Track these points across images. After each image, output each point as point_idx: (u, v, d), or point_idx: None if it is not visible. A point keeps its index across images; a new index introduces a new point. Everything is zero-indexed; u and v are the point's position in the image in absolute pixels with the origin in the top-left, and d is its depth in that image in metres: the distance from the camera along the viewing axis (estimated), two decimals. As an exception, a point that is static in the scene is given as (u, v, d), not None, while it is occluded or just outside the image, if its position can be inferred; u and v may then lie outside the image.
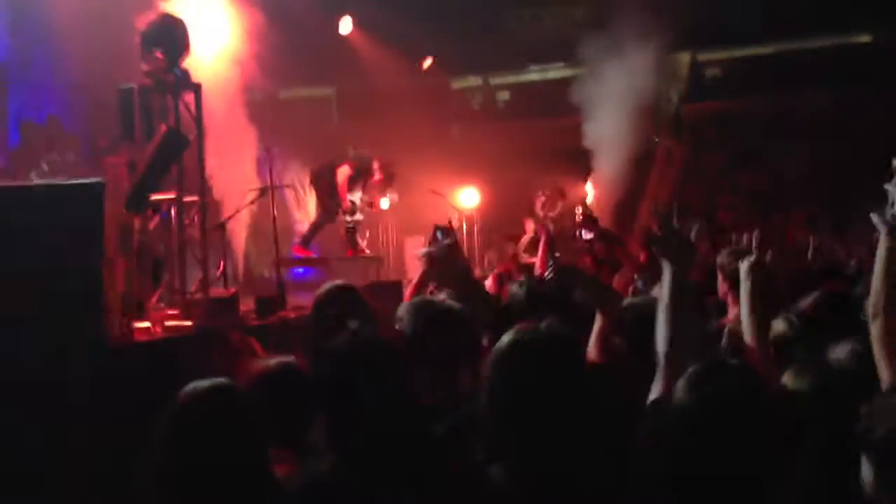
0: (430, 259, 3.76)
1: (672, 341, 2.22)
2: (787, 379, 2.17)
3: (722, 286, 3.77)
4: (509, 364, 2.07)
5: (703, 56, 16.82)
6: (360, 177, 9.66)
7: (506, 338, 2.15)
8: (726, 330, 3.44)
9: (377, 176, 9.84)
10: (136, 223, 5.14)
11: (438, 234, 3.88)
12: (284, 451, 2.49)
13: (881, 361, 1.97)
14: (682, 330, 2.21)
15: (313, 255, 9.70)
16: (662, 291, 2.27)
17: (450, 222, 4.14)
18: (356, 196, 9.69)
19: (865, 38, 16.29)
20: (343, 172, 9.44)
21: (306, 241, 9.66)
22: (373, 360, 2.24)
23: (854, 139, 14.24)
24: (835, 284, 3.89)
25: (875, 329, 1.98)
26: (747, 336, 2.80)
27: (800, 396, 2.04)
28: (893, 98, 14.58)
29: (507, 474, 1.98)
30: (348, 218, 9.66)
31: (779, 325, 2.92)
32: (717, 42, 16.04)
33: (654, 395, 2.26)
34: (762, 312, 2.66)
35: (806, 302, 3.20)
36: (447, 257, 3.66)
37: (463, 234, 11.55)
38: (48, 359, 3.94)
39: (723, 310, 3.84)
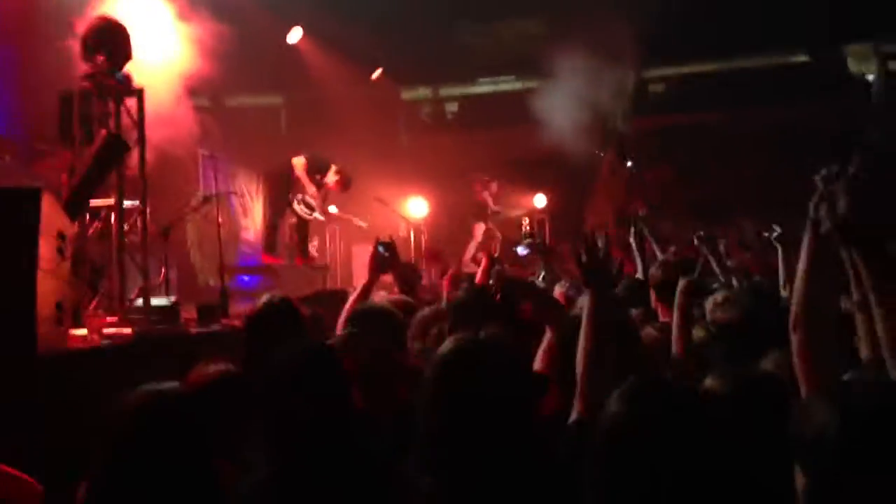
0: (377, 261, 3.88)
1: (588, 363, 2.25)
2: (708, 383, 2.20)
3: (652, 297, 3.87)
4: (449, 374, 2.06)
5: (648, 73, 17.17)
6: (316, 172, 9.53)
7: (447, 345, 2.15)
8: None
9: (334, 179, 9.73)
10: (74, 229, 5.03)
11: (380, 248, 3.96)
12: (222, 460, 2.47)
13: (800, 375, 1.97)
14: (598, 353, 2.26)
15: (282, 262, 9.54)
16: (583, 313, 2.32)
17: (390, 237, 4.21)
18: (311, 194, 9.57)
19: (803, 58, 16.82)
20: (299, 163, 9.34)
21: (270, 246, 9.46)
22: (307, 371, 2.24)
23: (794, 155, 14.65)
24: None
25: (794, 341, 1.98)
26: (675, 346, 2.89)
27: (719, 400, 2.08)
28: (831, 115, 15.09)
29: (439, 487, 1.97)
30: (303, 209, 9.48)
31: (698, 333, 3.01)
32: (662, 58, 16.38)
33: (573, 416, 2.26)
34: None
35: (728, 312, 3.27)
36: (392, 258, 3.82)
37: (411, 244, 11.57)
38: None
39: (653, 318, 3.92)
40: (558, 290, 4.52)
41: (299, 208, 9.45)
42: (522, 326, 3.11)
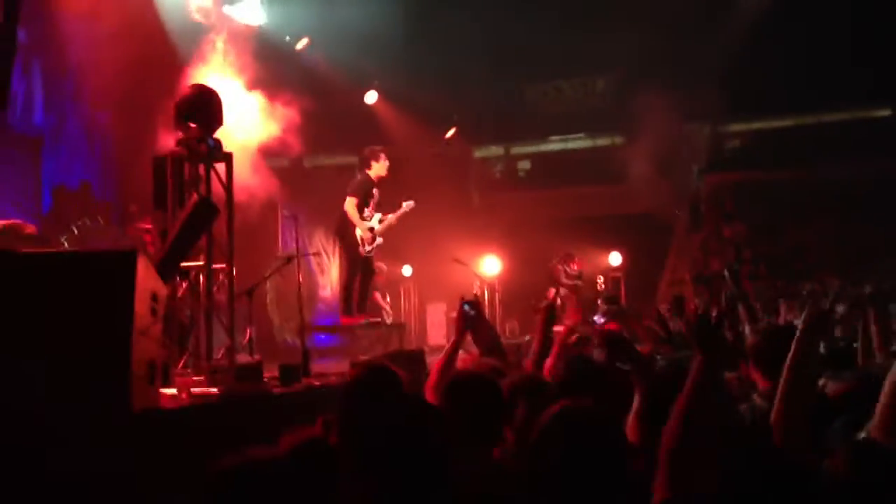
0: (463, 320, 3.87)
1: (683, 436, 2.11)
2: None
3: (749, 364, 3.70)
4: (553, 440, 2.07)
5: (724, 128, 16.99)
6: (366, 195, 9.12)
7: (554, 413, 2.15)
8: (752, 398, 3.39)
9: (378, 172, 9.23)
10: (166, 290, 5.19)
11: (465, 307, 3.94)
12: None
13: None
14: (693, 429, 2.11)
15: (359, 321, 9.22)
16: (687, 384, 2.20)
17: (475, 295, 4.21)
18: (373, 220, 9.20)
19: (885, 112, 16.42)
20: (350, 203, 8.96)
21: (348, 306, 8.99)
22: (419, 431, 2.26)
23: (871, 212, 14.24)
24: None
25: None
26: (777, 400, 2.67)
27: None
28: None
29: None
30: (368, 249, 9.10)
31: None
32: (738, 114, 16.22)
33: (656, 495, 2.10)
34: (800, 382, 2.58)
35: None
36: (479, 318, 3.76)
37: (485, 302, 11.57)
38: (72, 425, 3.96)
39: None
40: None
41: (366, 249, 9.11)
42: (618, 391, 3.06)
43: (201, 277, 5.78)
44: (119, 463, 3.99)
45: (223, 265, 5.90)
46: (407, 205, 9.58)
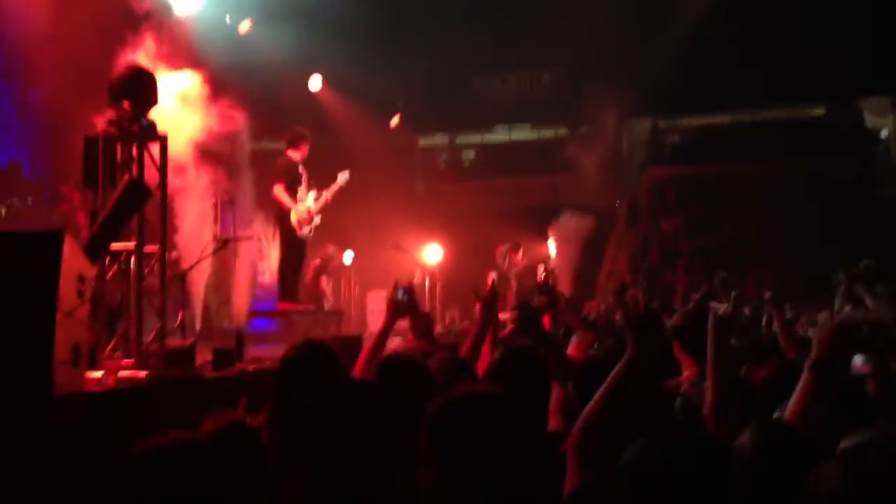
0: (395, 306, 3.85)
1: (592, 424, 2.15)
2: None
3: (675, 347, 3.77)
4: (455, 429, 2.04)
5: (664, 123, 17.33)
6: (293, 178, 8.90)
7: (457, 401, 2.13)
8: (682, 391, 3.46)
9: (299, 155, 9.02)
10: (94, 271, 5.08)
11: (398, 292, 3.94)
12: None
13: None
14: (606, 415, 2.16)
15: (297, 307, 9.12)
16: (613, 372, 2.22)
17: (410, 282, 4.20)
18: (308, 200, 9.02)
19: (819, 111, 16.93)
20: (278, 190, 8.79)
21: (286, 291, 8.93)
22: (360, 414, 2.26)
23: (808, 207, 14.66)
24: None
25: None
26: (708, 393, 2.73)
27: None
28: (845, 168, 15.11)
29: None
30: (307, 230, 8.93)
31: None
32: (678, 110, 16.55)
33: (568, 482, 2.13)
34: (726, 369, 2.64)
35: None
36: (410, 303, 3.82)
37: (425, 290, 11.60)
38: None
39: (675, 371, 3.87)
40: (575, 341, 4.49)
41: (305, 231, 8.95)
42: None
43: (132, 260, 5.68)
44: (38, 447, 3.91)
45: (156, 248, 5.80)
46: (342, 177, 9.34)
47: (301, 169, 8.99)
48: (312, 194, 9.05)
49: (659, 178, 16.31)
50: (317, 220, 9.04)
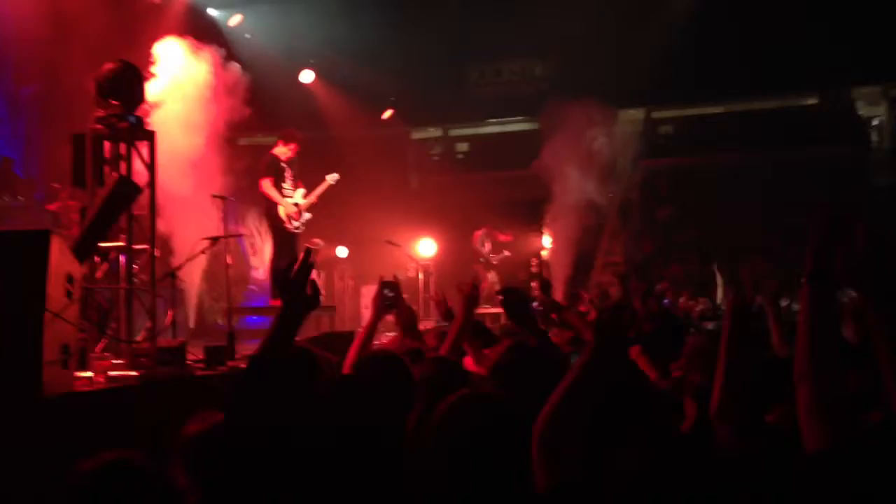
0: (381, 301, 3.87)
1: (550, 423, 2.09)
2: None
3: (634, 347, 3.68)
4: (447, 429, 2.06)
5: (657, 114, 17.30)
6: (278, 172, 8.90)
7: (450, 402, 2.14)
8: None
9: (290, 153, 9.02)
10: (83, 271, 5.07)
11: (384, 289, 3.96)
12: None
13: (807, 428, 1.88)
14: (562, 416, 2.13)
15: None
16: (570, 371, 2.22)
17: (395, 276, 4.20)
18: (297, 196, 9.00)
19: (812, 100, 16.91)
20: (266, 185, 8.78)
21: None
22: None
23: (801, 196, 14.67)
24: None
25: (801, 396, 1.90)
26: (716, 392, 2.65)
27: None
28: (839, 157, 15.11)
29: None
30: (296, 225, 8.92)
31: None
32: (670, 100, 16.53)
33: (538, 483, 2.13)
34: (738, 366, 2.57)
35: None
36: (396, 298, 3.94)
37: (419, 283, 11.59)
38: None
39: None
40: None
41: (294, 224, 8.92)
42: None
43: (121, 258, 5.66)
44: (27, 448, 3.91)
45: (145, 246, 5.78)
46: (331, 178, 9.33)
47: (285, 166, 8.99)
48: (301, 191, 9.04)
49: (652, 169, 16.30)
50: (307, 215, 9.03)
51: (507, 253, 12.94)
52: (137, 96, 5.90)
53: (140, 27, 8.96)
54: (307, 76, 13.23)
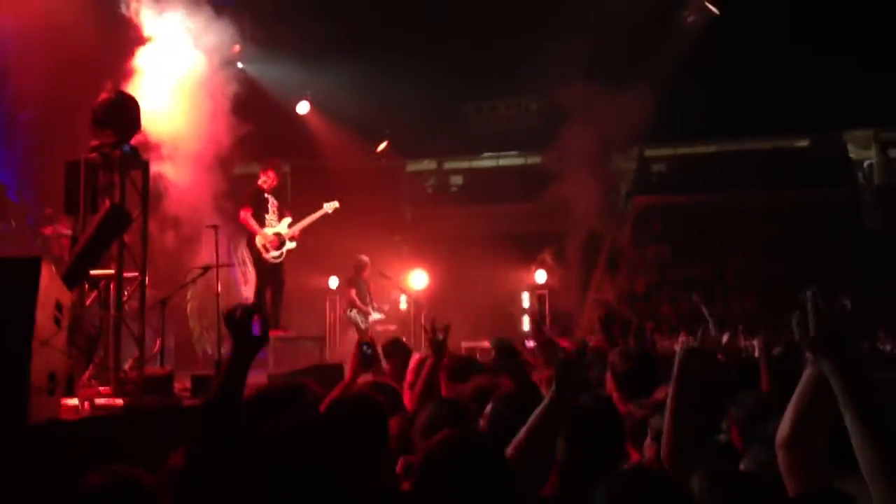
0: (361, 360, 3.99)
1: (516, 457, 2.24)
2: (695, 485, 2.19)
3: (610, 384, 3.69)
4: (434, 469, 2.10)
5: (651, 152, 17.44)
6: (258, 202, 8.95)
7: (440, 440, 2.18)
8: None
9: (271, 181, 9.07)
10: (72, 298, 5.06)
11: (364, 348, 4.07)
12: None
13: (789, 480, 1.98)
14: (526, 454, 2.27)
15: (280, 333, 9.05)
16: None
17: (371, 338, 4.34)
18: (280, 226, 9.01)
19: (804, 143, 17.09)
20: (244, 215, 8.86)
21: (269, 320, 8.66)
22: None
23: (792, 237, 14.77)
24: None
25: (781, 458, 1.99)
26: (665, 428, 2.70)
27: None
28: (830, 198, 15.23)
29: None
30: (275, 254, 8.89)
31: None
32: (664, 139, 16.67)
33: None
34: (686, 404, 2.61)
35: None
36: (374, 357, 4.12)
37: (410, 315, 11.59)
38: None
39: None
40: None
41: (272, 255, 8.92)
42: None
43: (111, 286, 5.65)
44: (13, 475, 3.88)
45: (136, 274, 5.78)
46: (329, 206, 9.44)
47: (268, 196, 9.08)
48: (287, 220, 9.11)
49: (645, 207, 16.39)
50: (290, 244, 9.06)
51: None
52: (133, 125, 5.94)
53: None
54: (303, 107, 13.33)
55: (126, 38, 8.13)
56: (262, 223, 8.92)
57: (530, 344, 7.89)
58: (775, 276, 13.91)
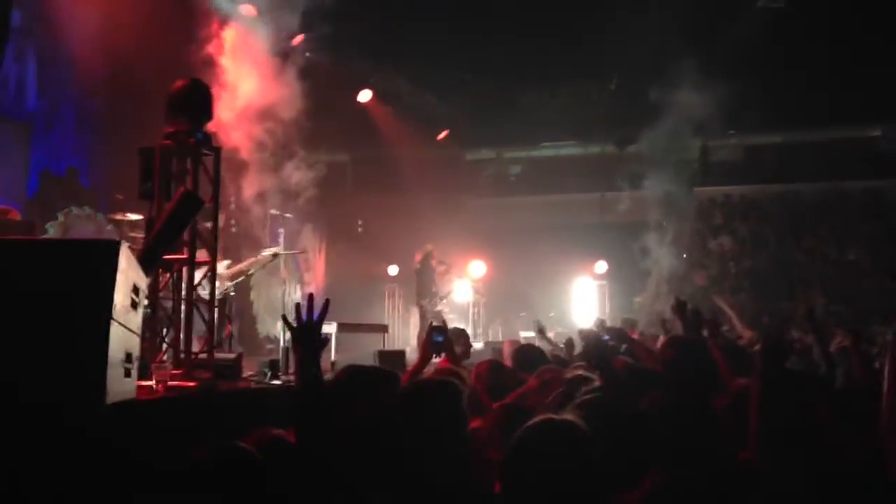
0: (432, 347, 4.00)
1: None
2: None
3: None
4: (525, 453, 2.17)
5: (714, 142, 17.07)
6: None
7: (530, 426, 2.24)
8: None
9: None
10: (147, 282, 5.18)
11: (434, 335, 4.09)
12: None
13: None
14: None
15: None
16: None
17: (443, 321, 4.33)
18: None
19: (875, 132, 16.55)
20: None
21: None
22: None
23: (858, 229, 14.35)
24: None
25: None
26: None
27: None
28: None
29: None
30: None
31: None
32: (728, 129, 16.29)
33: None
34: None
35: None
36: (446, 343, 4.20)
37: (470, 304, 11.60)
38: (43, 415, 3.94)
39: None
40: None
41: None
42: None
43: (184, 271, 5.77)
44: (91, 455, 3.98)
45: (207, 259, 5.89)
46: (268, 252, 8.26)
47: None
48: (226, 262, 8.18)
49: (708, 198, 16.09)
50: (229, 285, 7.89)
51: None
52: (206, 113, 6.04)
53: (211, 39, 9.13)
54: (365, 95, 13.39)
55: (198, 26, 8.26)
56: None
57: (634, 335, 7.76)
58: (842, 269, 13.56)
